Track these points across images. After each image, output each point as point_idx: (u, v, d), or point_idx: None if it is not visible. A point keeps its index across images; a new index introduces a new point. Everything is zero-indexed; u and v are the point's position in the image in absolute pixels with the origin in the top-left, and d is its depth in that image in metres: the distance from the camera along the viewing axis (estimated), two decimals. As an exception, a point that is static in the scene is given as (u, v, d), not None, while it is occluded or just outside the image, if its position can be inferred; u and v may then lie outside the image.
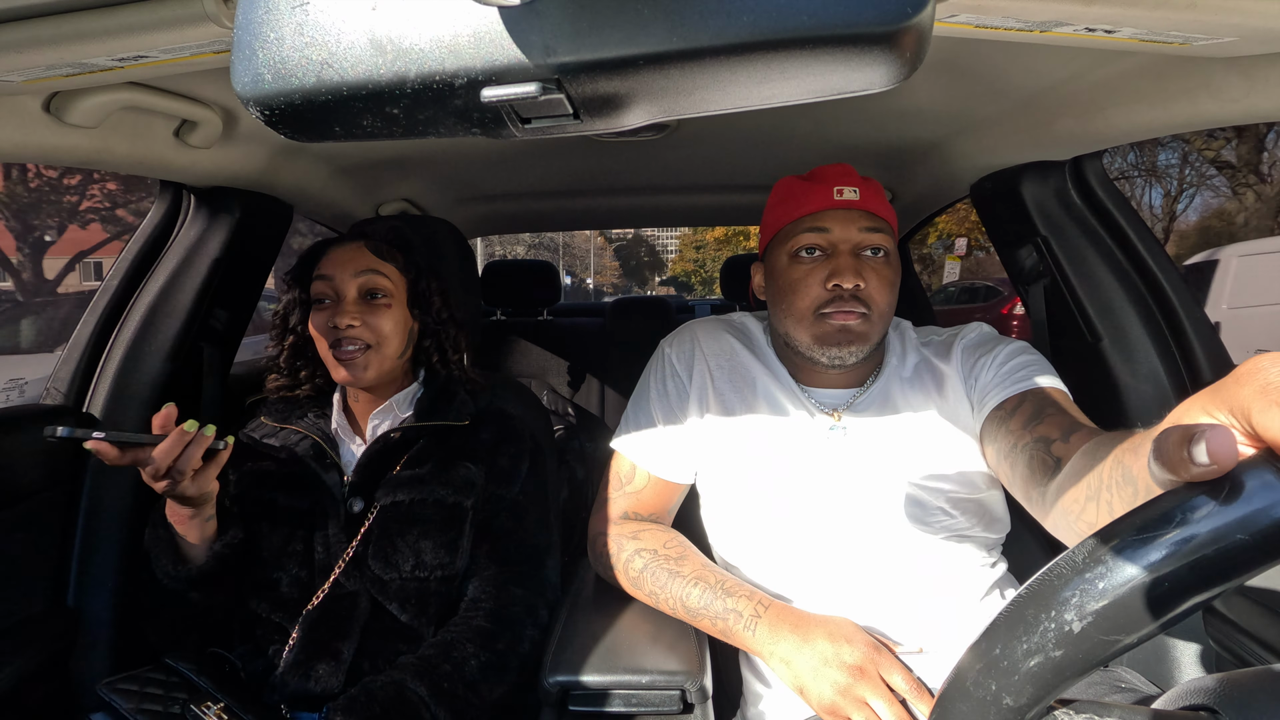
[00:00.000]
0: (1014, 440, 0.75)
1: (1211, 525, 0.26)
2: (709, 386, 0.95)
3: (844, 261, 0.84)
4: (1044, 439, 0.71)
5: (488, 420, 1.01)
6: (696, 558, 0.89)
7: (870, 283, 0.84)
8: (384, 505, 0.92)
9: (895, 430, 0.87)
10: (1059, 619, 0.28)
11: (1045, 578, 0.29)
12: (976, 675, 0.30)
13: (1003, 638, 0.30)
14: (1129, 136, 0.95)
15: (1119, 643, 0.27)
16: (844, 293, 0.84)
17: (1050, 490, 0.65)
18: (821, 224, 0.85)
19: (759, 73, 0.32)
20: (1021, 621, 0.29)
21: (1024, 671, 0.28)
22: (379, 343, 0.92)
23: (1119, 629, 0.27)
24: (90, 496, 1.08)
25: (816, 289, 0.85)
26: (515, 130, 0.35)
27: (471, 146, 1.26)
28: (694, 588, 0.84)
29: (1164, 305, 1.08)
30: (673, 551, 0.89)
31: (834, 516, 0.87)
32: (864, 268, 0.84)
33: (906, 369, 0.91)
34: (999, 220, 1.28)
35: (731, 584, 0.84)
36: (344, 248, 0.95)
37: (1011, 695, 0.29)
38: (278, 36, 0.33)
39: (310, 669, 0.85)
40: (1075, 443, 0.67)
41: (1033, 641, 0.28)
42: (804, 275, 0.86)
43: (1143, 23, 0.55)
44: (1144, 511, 0.28)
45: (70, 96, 0.74)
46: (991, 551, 0.93)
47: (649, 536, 0.92)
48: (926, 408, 0.87)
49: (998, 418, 0.80)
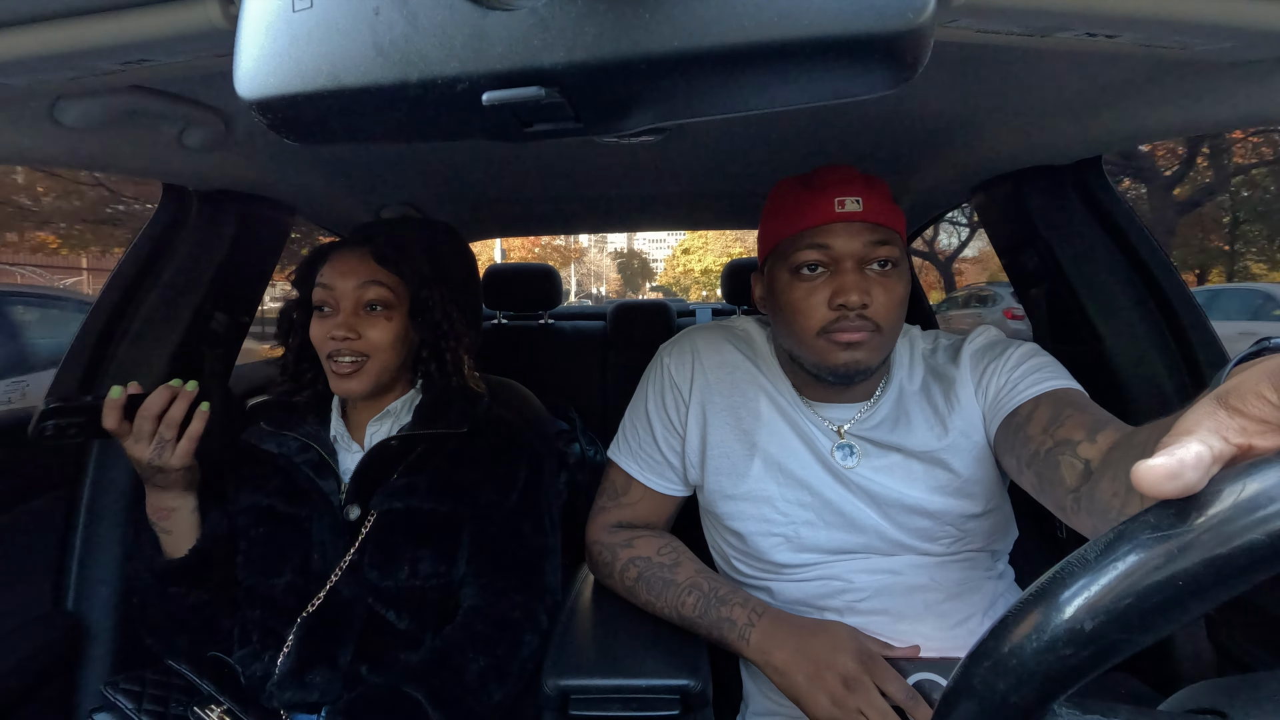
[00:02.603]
0: (1035, 447, 0.71)
1: (1229, 523, 0.26)
2: (708, 400, 0.92)
3: (849, 279, 0.78)
4: (1067, 441, 0.67)
5: (486, 427, 1.00)
6: (690, 563, 0.88)
7: (877, 299, 0.78)
8: (381, 513, 0.91)
9: (903, 449, 0.84)
10: (1071, 618, 0.27)
11: (1057, 576, 0.29)
12: (983, 674, 0.30)
13: (1011, 636, 0.29)
14: (1131, 141, 0.96)
15: (1132, 642, 0.27)
16: (849, 312, 0.78)
17: (1085, 494, 0.61)
18: (822, 240, 0.79)
19: (760, 77, 0.32)
20: (1031, 620, 0.29)
21: (1032, 671, 0.28)
22: (374, 355, 0.91)
23: (1132, 628, 0.27)
24: (90, 499, 1.08)
25: (820, 309, 0.79)
26: (517, 134, 0.35)
27: (473, 150, 1.26)
28: (688, 595, 0.83)
29: (1165, 309, 1.08)
30: (666, 558, 0.88)
31: (840, 535, 0.85)
32: (870, 283, 0.79)
33: (914, 382, 0.88)
34: (1001, 224, 1.28)
35: (726, 591, 0.83)
36: (347, 254, 0.93)
37: (1019, 695, 0.28)
38: (280, 40, 0.33)
39: (308, 675, 0.85)
40: (1103, 441, 0.63)
41: (1043, 640, 0.28)
42: (806, 294, 0.80)
43: (1143, 27, 0.55)
44: (1159, 509, 0.28)
45: (73, 100, 0.74)
46: (1000, 560, 0.92)
47: (643, 544, 0.91)
48: (935, 422, 0.84)
49: (1013, 425, 0.77)
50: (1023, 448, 0.73)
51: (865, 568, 0.85)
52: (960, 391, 0.84)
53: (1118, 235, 1.12)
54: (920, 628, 0.82)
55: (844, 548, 0.85)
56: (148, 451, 0.80)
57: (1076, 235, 1.13)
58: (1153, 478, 0.27)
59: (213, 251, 1.17)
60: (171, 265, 1.16)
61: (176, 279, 1.15)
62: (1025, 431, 0.74)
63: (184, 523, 0.87)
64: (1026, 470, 0.73)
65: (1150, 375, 1.07)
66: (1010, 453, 0.77)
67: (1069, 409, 0.71)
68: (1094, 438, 0.65)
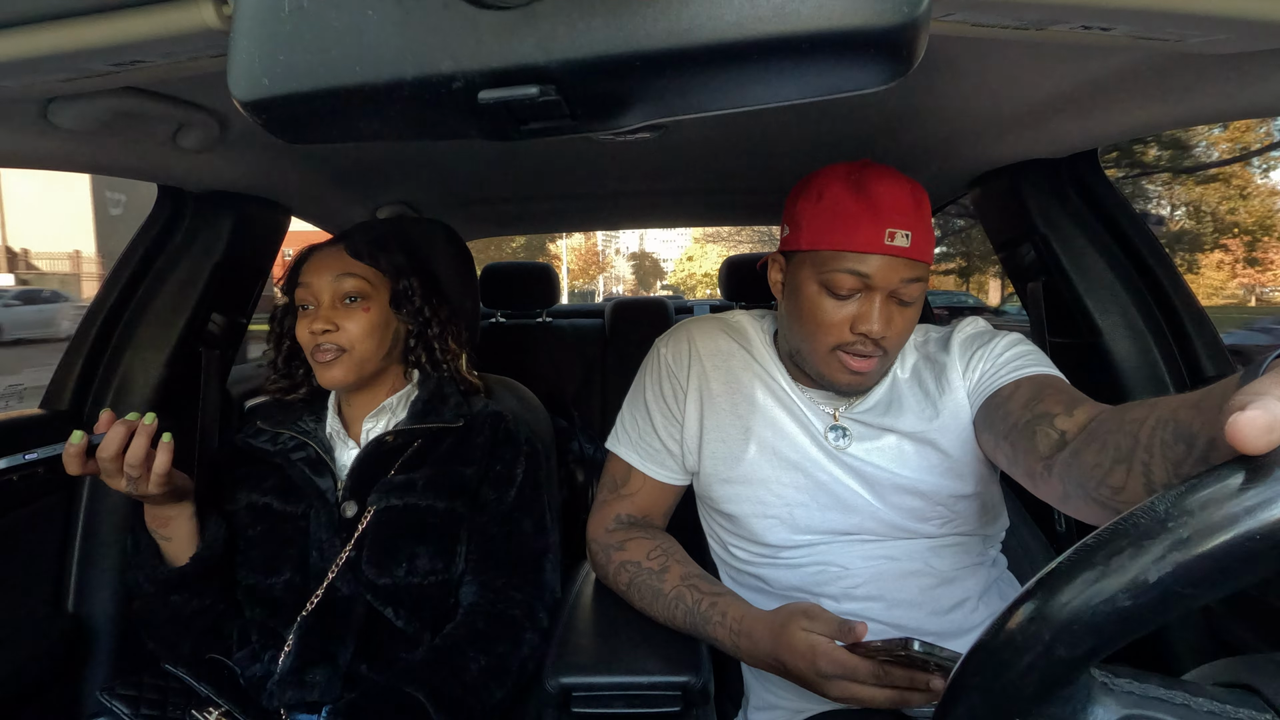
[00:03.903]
0: (1013, 421, 0.74)
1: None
2: (705, 387, 0.94)
3: (877, 310, 0.79)
4: (1045, 414, 0.70)
5: (484, 423, 1.01)
6: (678, 568, 0.87)
7: (894, 326, 0.80)
8: (378, 509, 0.91)
9: (895, 430, 0.87)
10: (1135, 566, 0.27)
11: (1120, 526, 0.28)
12: (1025, 624, 0.29)
13: (1064, 585, 0.28)
14: (1126, 134, 0.96)
15: (1194, 598, 0.26)
16: (867, 340, 0.80)
17: (1059, 462, 0.63)
18: (864, 269, 0.78)
19: (755, 72, 0.32)
20: (1090, 568, 0.28)
21: (1085, 621, 0.27)
22: (352, 346, 0.93)
23: (1197, 583, 0.26)
24: (89, 502, 1.08)
25: (841, 330, 0.81)
26: (512, 132, 0.35)
27: (468, 148, 1.26)
28: (676, 609, 0.84)
29: (1162, 301, 1.08)
30: (655, 563, 0.88)
31: (834, 516, 0.87)
32: (893, 312, 0.80)
33: (905, 369, 0.91)
34: (997, 218, 1.28)
35: (706, 605, 0.82)
36: (324, 252, 0.96)
37: (1066, 646, 0.27)
38: (274, 40, 0.33)
39: (307, 675, 0.85)
40: (1080, 415, 0.66)
41: (1101, 588, 0.27)
42: (831, 312, 0.81)
43: (1137, 20, 0.55)
44: (1232, 465, 0.27)
45: (67, 102, 0.74)
46: (991, 547, 0.93)
47: (634, 546, 0.91)
48: (926, 405, 0.87)
49: (994, 403, 0.80)
50: (1001, 423, 0.76)
51: (860, 553, 0.86)
52: (950, 376, 0.86)
53: (1114, 228, 1.12)
54: (914, 613, 0.84)
55: (837, 529, 0.87)
56: (122, 486, 0.78)
57: (1073, 228, 1.13)
58: (1253, 431, 0.27)
59: (209, 252, 1.16)
60: (168, 266, 1.16)
61: (173, 280, 1.15)
62: (1005, 408, 0.77)
63: (183, 529, 0.87)
64: (1003, 442, 0.75)
65: (1148, 368, 1.07)
66: (989, 429, 0.79)
67: (1049, 389, 0.74)
68: (1071, 412, 0.68)
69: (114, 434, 0.76)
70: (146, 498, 0.81)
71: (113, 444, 0.76)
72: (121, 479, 0.77)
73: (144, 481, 0.78)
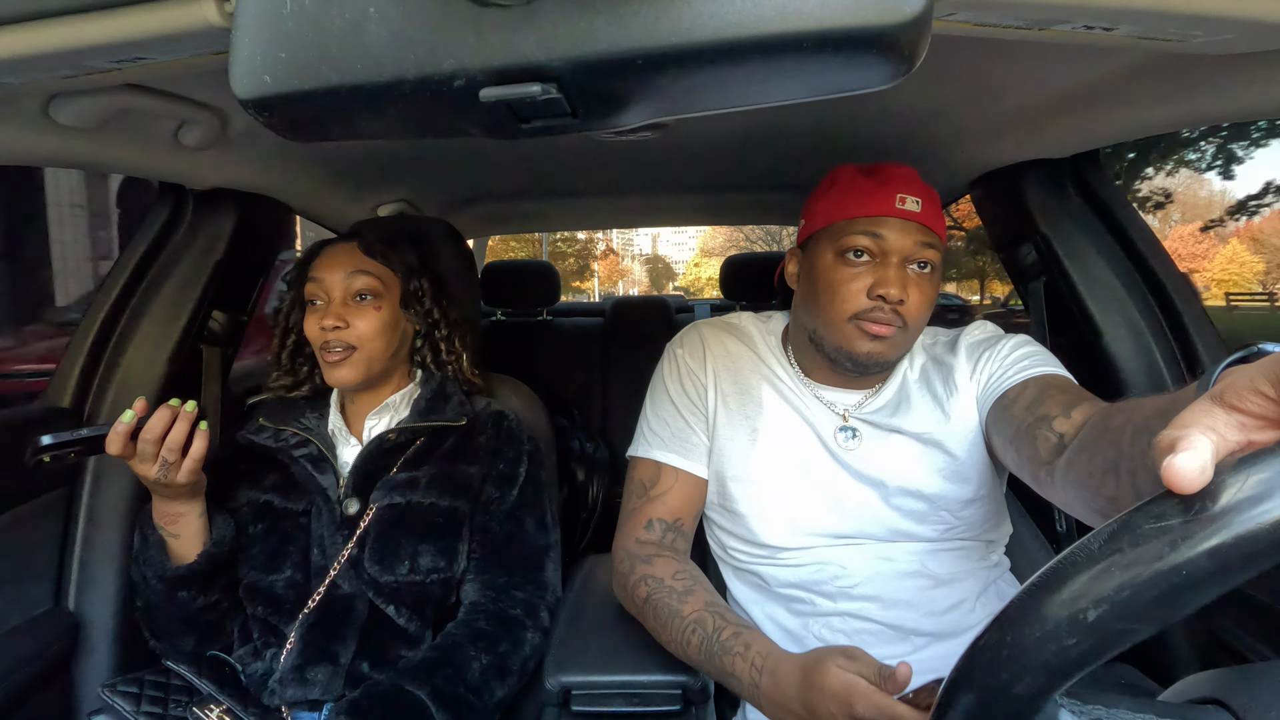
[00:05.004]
0: (1017, 424, 0.74)
1: (1233, 514, 0.26)
2: (720, 385, 0.94)
3: (893, 273, 0.81)
4: (1044, 417, 0.70)
5: (486, 421, 1.01)
6: (703, 595, 0.81)
7: (912, 297, 0.81)
8: (380, 507, 0.91)
9: (904, 432, 0.86)
10: (1074, 607, 0.28)
11: (1060, 566, 0.29)
12: (986, 663, 0.30)
13: (1014, 626, 0.29)
14: (1129, 134, 0.95)
15: (1135, 632, 0.27)
16: (886, 304, 0.81)
17: (1059, 467, 0.63)
18: (877, 229, 0.81)
19: (757, 71, 0.32)
20: (1035, 609, 0.29)
21: (1035, 660, 0.28)
22: (361, 344, 0.92)
23: (1134, 618, 0.27)
24: (90, 499, 1.08)
25: (859, 296, 0.82)
26: (514, 130, 0.35)
27: (470, 147, 1.26)
28: (692, 635, 0.77)
29: (1164, 302, 1.08)
30: (680, 584, 0.83)
31: (835, 519, 0.87)
32: (909, 281, 0.82)
33: (915, 370, 0.91)
34: (998, 218, 1.28)
35: (728, 635, 0.76)
36: (336, 248, 0.96)
37: (1022, 684, 0.29)
38: (276, 38, 0.33)
39: (309, 672, 0.85)
40: (1077, 416, 0.66)
41: (1046, 629, 0.28)
42: (849, 279, 0.82)
43: (1140, 20, 0.55)
44: (1162, 500, 0.28)
45: (69, 99, 0.74)
46: (994, 551, 0.93)
47: (661, 564, 0.86)
48: (935, 407, 0.87)
49: (1002, 405, 0.80)
50: (1008, 426, 0.76)
51: (860, 554, 0.86)
52: (958, 378, 0.87)
53: (1115, 228, 1.12)
54: (911, 613, 0.84)
55: (839, 531, 0.86)
56: (154, 471, 0.78)
57: (1074, 228, 1.12)
58: (1187, 476, 0.27)
59: (210, 250, 1.16)
60: (169, 264, 1.15)
61: (174, 278, 1.15)
62: (1010, 411, 0.77)
63: (191, 527, 0.87)
64: (1009, 446, 0.76)
65: (1149, 367, 1.07)
66: (998, 433, 0.80)
67: (1052, 390, 0.74)
68: (1069, 413, 0.67)
69: (159, 416, 0.78)
70: (172, 487, 0.81)
71: (158, 425, 0.77)
72: (154, 464, 0.78)
73: (176, 468, 0.79)
